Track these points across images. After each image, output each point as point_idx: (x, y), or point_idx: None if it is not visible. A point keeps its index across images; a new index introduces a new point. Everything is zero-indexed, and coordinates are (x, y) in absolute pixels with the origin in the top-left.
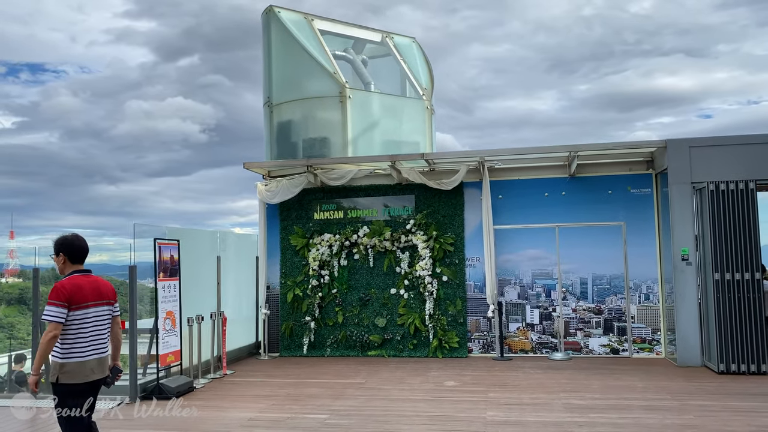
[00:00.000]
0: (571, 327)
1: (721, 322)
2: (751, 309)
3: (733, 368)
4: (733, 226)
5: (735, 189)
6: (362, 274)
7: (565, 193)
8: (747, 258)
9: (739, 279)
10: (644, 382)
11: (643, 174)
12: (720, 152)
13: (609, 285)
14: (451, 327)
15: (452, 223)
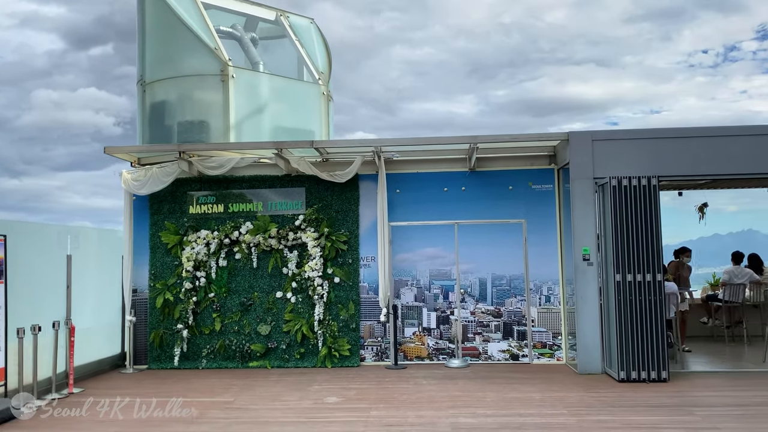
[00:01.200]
0: (470, 331)
1: (622, 326)
2: (652, 312)
3: (634, 375)
4: (635, 224)
5: (638, 185)
6: (244, 275)
7: (465, 188)
8: (649, 258)
9: (640, 280)
10: (542, 393)
11: (545, 169)
12: (623, 147)
13: (509, 286)
14: (342, 333)
15: (346, 220)
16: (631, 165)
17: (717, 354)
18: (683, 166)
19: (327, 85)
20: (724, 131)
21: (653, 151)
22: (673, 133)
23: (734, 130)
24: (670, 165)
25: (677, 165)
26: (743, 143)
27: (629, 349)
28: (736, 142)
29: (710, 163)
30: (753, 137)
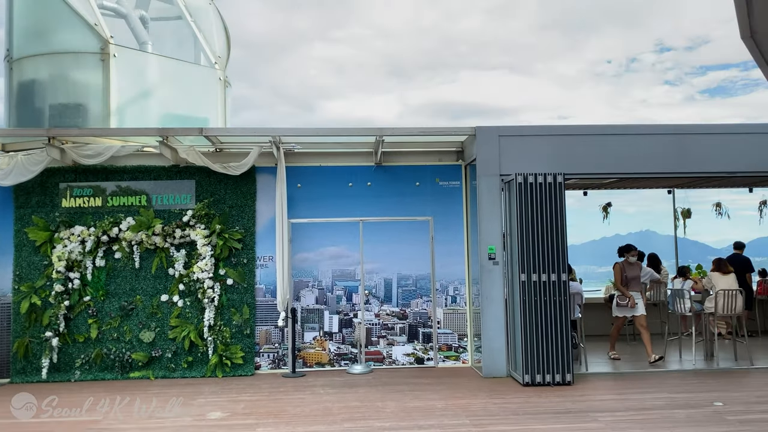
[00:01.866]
0: (374, 334)
1: (527, 328)
2: (557, 313)
3: (538, 379)
4: (540, 222)
5: (543, 182)
6: (125, 277)
7: (371, 183)
8: (554, 258)
9: (545, 280)
10: (445, 400)
11: (452, 165)
12: (530, 143)
13: (415, 286)
14: (235, 340)
15: (241, 216)
16: (538, 162)
17: (618, 353)
18: (589, 164)
19: (224, 69)
20: (629, 129)
21: (560, 148)
22: (580, 131)
23: (639, 129)
24: (577, 162)
25: (583, 163)
26: (647, 143)
27: (534, 352)
28: (641, 142)
29: (616, 162)
30: (657, 136)
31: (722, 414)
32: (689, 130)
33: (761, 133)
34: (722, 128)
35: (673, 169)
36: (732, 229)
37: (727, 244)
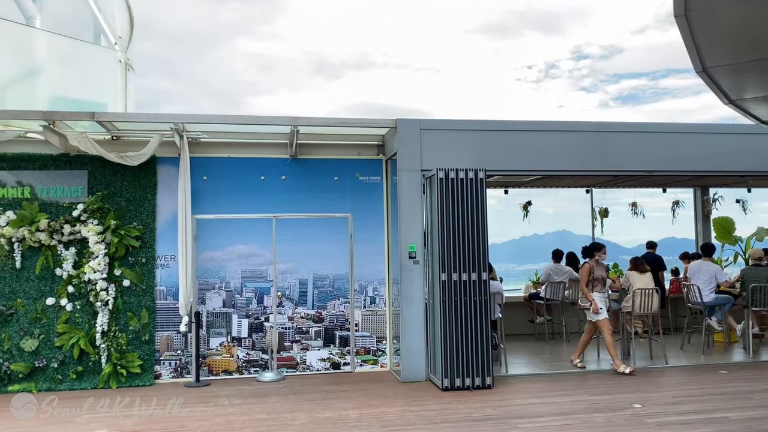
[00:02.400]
0: (287, 339)
1: (446, 329)
2: (477, 314)
3: (458, 383)
4: (461, 219)
5: (464, 178)
6: (3, 278)
7: (285, 177)
8: (475, 256)
9: (466, 280)
10: (359, 409)
11: (373, 159)
12: (452, 138)
13: (332, 287)
14: (132, 347)
15: (140, 211)
16: (460, 157)
17: (538, 353)
18: (511, 161)
19: (125, 51)
20: (551, 126)
21: (482, 143)
22: (502, 126)
23: (561, 126)
24: (499, 159)
25: (505, 159)
26: (569, 140)
27: (454, 355)
28: (562, 139)
29: (538, 159)
30: (578, 134)
31: (641, 417)
32: (609, 128)
33: (678, 133)
34: (641, 127)
35: (593, 167)
36: (644, 228)
37: (637, 243)
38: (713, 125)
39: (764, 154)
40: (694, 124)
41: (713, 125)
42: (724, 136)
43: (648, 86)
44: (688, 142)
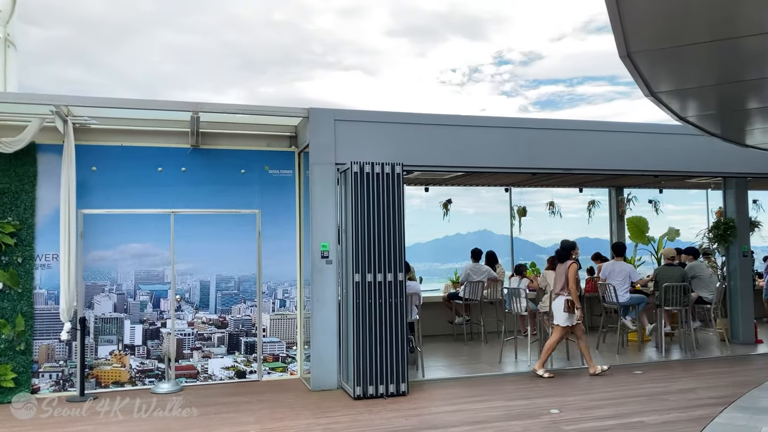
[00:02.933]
0: (187, 346)
1: (359, 333)
2: (393, 317)
3: (371, 391)
4: (377, 216)
5: (381, 172)
6: None
7: (186, 169)
8: (391, 255)
9: (381, 280)
10: (261, 424)
11: (284, 152)
12: (368, 130)
13: (238, 289)
14: (5, 358)
15: (16, 204)
16: (376, 151)
17: (456, 355)
18: (431, 156)
19: (6, 26)
20: (473, 121)
21: (400, 137)
22: (422, 120)
23: (483, 121)
24: (418, 154)
25: (425, 154)
26: (491, 136)
27: (367, 360)
28: (484, 135)
29: (459, 155)
30: (500, 130)
31: (558, 423)
32: (530, 124)
33: (597, 131)
34: (561, 124)
35: (514, 164)
36: (561, 228)
37: (553, 243)
38: (631, 124)
39: (678, 154)
40: (613, 122)
41: (631, 124)
42: (640, 135)
43: (565, 92)
44: (606, 141)
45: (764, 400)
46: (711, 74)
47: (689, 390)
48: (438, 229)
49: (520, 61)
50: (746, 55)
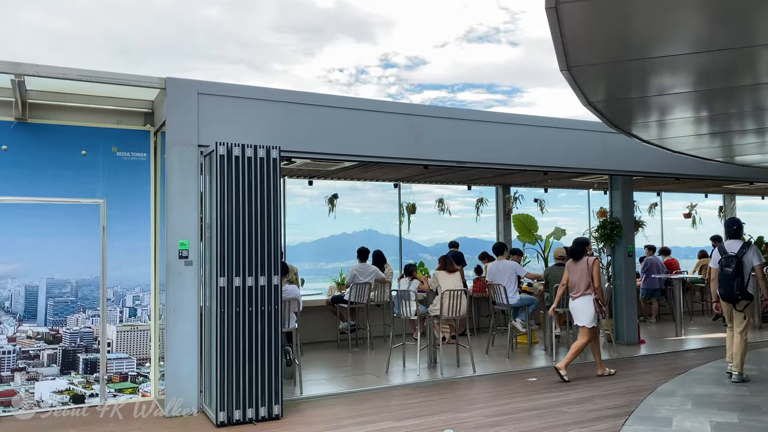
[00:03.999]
0: (5, 367)
1: (224, 348)
2: (265, 327)
3: (237, 416)
4: (249, 209)
5: (253, 157)
6: None
7: (6, 147)
8: (265, 255)
9: (252, 285)
10: None
11: (137, 130)
12: (241, 108)
13: (75, 296)
14: None
15: None
16: (249, 132)
17: (340, 365)
18: (315, 142)
19: None
20: (361, 105)
21: (278, 117)
22: (304, 99)
23: (373, 105)
24: (299, 138)
25: (307, 139)
26: (381, 123)
27: (233, 380)
28: (379, 121)
29: (348, 143)
30: (392, 116)
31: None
32: (423, 112)
33: (492, 123)
34: (458, 114)
35: (408, 155)
36: (449, 227)
37: (436, 242)
38: (528, 117)
39: (568, 151)
40: (510, 114)
41: (528, 117)
42: (533, 130)
43: (447, 98)
44: (499, 134)
45: (661, 408)
46: (639, 88)
47: (586, 399)
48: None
49: (406, 65)
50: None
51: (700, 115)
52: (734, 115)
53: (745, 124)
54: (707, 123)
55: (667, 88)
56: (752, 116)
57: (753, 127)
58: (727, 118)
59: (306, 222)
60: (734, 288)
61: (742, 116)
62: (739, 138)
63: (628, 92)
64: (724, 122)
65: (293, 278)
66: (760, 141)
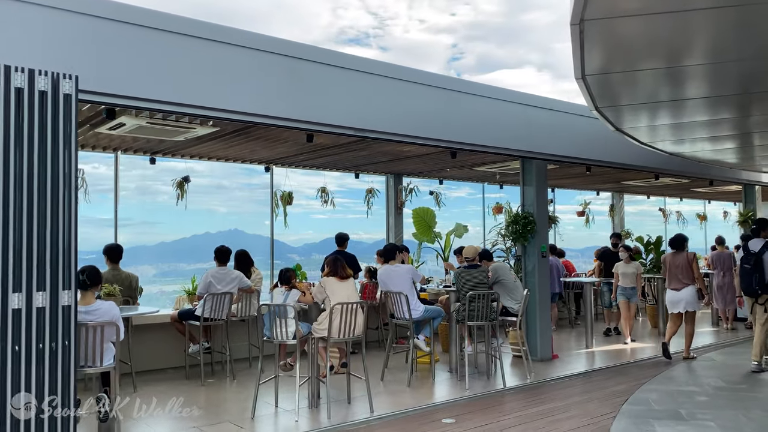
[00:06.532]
0: None
1: None
2: (44, 375)
3: None
4: (17, 178)
5: (26, 88)
6: None
7: None
8: (44, 258)
9: (20, 307)
10: None
11: None
12: (18, 13)
13: None
14: None
15: None
16: (28, 50)
17: (187, 405)
18: (146, 82)
19: None
20: (232, 38)
21: (83, 36)
22: (136, 16)
23: (250, 41)
24: (120, 72)
25: (135, 76)
26: (267, 67)
27: None
28: (247, 62)
29: (201, 90)
30: (286, 62)
31: None
32: (311, 56)
33: (395, 80)
34: (356, 64)
35: (286, 114)
36: (318, 227)
37: (303, 243)
38: (436, 76)
39: (474, 127)
40: (416, 71)
41: (436, 76)
42: (435, 94)
43: None
44: (398, 96)
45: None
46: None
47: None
48: (187, 227)
49: None
50: None
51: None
52: None
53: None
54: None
55: (672, 96)
56: None
57: None
58: None
59: (170, 220)
60: (753, 283)
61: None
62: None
63: (635, 99)
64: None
65: (115, 291)
66: None
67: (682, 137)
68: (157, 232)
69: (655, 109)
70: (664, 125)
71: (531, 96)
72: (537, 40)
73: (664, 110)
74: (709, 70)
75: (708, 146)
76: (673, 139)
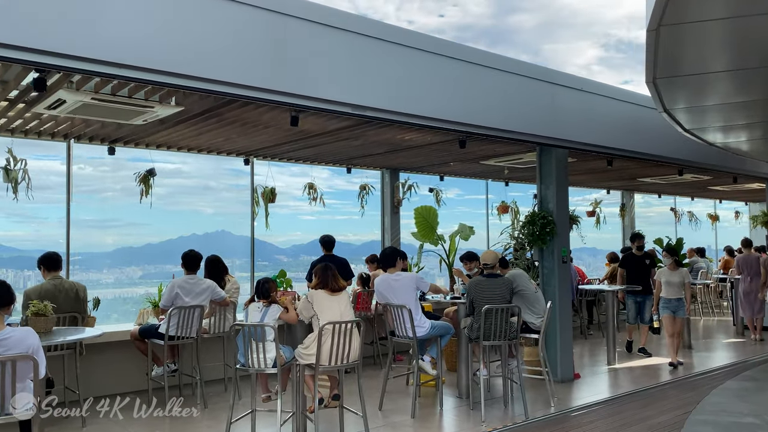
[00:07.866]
0: None
1: None
2: None
3: None
4: None
5: None
6: None
7: None
8: None
9: None
10: None
11: None
12: None
13: None
14: None
15: None
16: None
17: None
18: (77, 36)
19: None
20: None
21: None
22: None
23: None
24: (39, 22)
25: (60, 29)
26: (244, 25)
27: None
28: (229, 19)
29: (157, 47)
30: (265, 16)
31: None
32: (297, 12)
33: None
34: (351, 23)
35: (267, 85)
36: (307, 227)
37: (291, 245)
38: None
39: (487, 110)
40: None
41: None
42: (448, 69)
43: None
44: (397, 68)
45: None
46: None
47: None
48: (174, 228)
49: None
50: None
51: None
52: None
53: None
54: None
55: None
56: None
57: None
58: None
59: (156, 222)
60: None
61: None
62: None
63: (704, 101)
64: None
65: (43, 309)
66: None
67: (753, 137)
68: (144, 234)
69: (730, 111)
70: (738, 125)
71: (558, 73)
72: (525, 42)
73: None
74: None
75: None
76: (748, 138)
